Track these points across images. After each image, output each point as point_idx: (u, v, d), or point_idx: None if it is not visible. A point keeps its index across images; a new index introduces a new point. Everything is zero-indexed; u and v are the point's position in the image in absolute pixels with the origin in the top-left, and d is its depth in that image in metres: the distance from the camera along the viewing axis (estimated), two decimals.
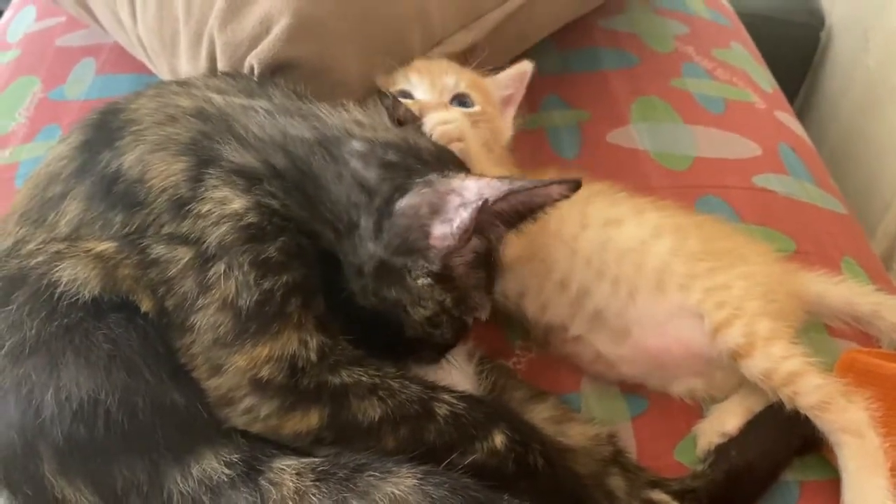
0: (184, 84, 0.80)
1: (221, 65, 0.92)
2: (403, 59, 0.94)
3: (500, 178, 0.69)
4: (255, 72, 0.89)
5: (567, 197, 0.67)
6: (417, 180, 0.68)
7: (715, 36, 1.41)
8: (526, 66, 0.97)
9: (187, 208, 0.66)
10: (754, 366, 0.79)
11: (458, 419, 0.67)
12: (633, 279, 0.85)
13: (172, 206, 0.66)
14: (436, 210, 0.67)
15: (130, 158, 0.69)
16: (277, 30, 0.87)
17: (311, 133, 0.72)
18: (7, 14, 1.52)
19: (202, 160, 0.68)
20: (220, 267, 0.64)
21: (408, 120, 0.79)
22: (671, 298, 0.84)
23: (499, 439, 0.67)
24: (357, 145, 0.71)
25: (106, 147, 0.71)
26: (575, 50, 1.30)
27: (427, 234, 0.67)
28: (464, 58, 0.98)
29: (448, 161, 0.74)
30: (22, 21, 1.45)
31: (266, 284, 0.65)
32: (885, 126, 1.48)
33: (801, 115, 1.59)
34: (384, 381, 0.67)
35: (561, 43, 1.28)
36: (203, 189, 0.66)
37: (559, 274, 0.87)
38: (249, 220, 0.66)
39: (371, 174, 0.69)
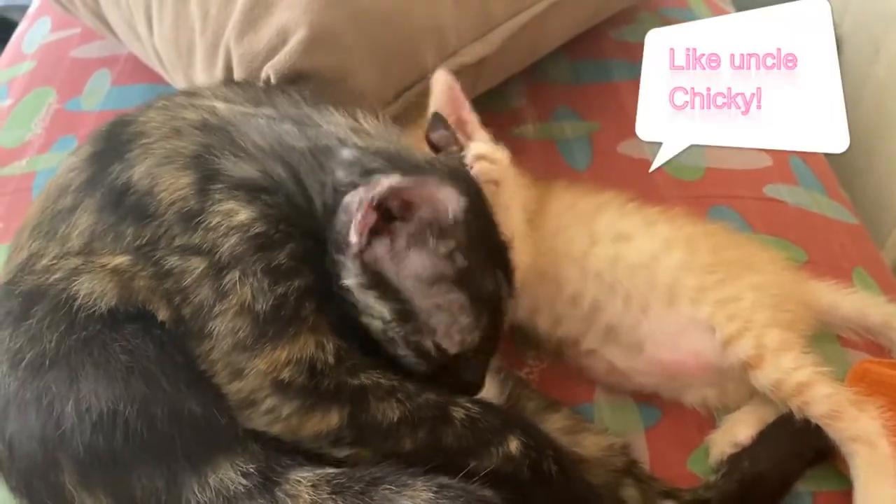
0: (191, 95, 0.80)
1: (238, 75, 0.93)
2: (417, 71, 0.95)
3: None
4: (272, 82, 0.89)
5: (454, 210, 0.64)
6: (369, 178, 0.67)
7: None
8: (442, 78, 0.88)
9: (197, 220, 0.66)
10: (764, 377, 0.79)
11: (475, 423, 0.67)
12: (645, 294, 0.85)
13: (182, 219, 0.67)
14: (360, 206, 0.65)
15: (140, 171, 0.69)
16: (294, 41, 0.88)
17: (304, 142, 0.71)
18: (22, 25, 1.53)
19: (205, 175, 0.68)
20: (235, 274, 0.65)
21: (443, 145, 0.79)
22: (683, 312, 0.84)
23: (514, 444, 0.67)
24: (346, 154, 0.70)
25: (116, 159, 0.71)
26: (586, 61, 1.30)
27: (349, 231, 0.66)
28: (476, 70, 0.99)
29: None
30: (37, 32, 1.46)
31: (280, 290, 0.65)
32: None
33: None
34: (402, 384, 0.68)
35: (572, 53, 1.28)
36: (210, 203, 0.67)
37: (570, 290, 0.87)
38: (257, 229, 0.66)
39: (351, 181, 0.69)
